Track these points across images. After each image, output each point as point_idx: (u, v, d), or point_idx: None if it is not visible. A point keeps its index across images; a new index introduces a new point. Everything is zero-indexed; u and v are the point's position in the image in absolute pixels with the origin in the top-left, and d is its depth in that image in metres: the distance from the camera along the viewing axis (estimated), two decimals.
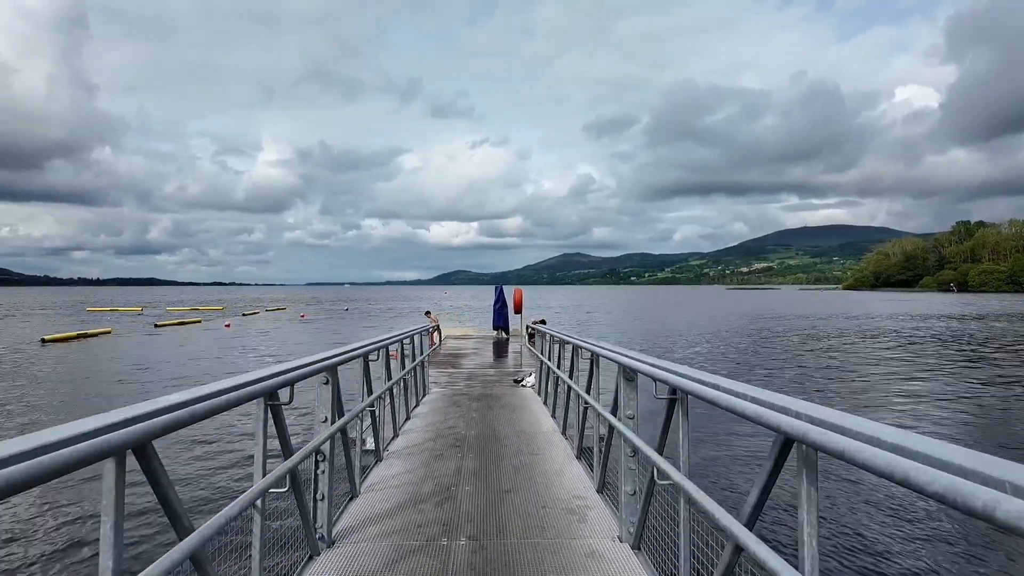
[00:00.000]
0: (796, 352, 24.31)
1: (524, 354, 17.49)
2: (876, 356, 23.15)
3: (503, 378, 12.56)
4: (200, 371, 18.92)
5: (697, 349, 25.68)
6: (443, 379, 12.30)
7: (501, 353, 18.07)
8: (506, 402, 9.64)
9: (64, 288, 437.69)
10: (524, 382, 11.45)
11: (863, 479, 8.15)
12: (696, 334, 32.92)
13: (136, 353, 23.46)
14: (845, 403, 14.17)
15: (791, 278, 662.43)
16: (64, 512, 7.14)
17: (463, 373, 13.33)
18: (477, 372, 13.58)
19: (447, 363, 15.16)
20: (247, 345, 26.87)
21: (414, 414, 8.53)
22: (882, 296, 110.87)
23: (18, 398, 14.48)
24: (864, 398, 14.91)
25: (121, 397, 14.64)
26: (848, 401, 14.52)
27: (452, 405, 9.34)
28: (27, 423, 11.99)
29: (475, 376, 12.89)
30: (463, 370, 13.93)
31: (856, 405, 13.95)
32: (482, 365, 14.96)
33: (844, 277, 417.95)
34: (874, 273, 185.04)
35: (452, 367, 14.45)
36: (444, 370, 13.80)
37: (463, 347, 19.18)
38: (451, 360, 15.74)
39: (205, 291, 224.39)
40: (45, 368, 19.49)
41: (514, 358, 16.70)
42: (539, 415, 8.55)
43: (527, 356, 17.25)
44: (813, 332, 33.40)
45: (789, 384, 16.97)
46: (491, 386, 11.34)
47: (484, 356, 17.15)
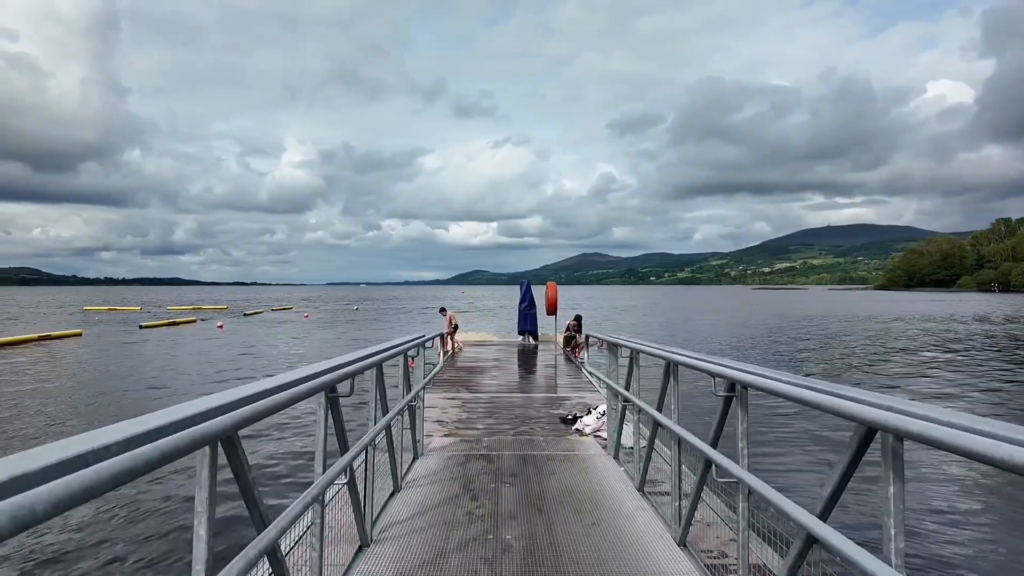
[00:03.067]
0: (862, 355, 19.94)
1: (560, 366, 13.44)
2: (960, 361, 18.64)
3: (542, 410, 8.52)
4: (139, 386, 15.03)
5: (751, 350, 21.36)
6: (450, 413, 8.28)
7: (530, 366, 14.00)
8: (563, 478, 5.36)
9: (89, 287, 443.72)
10: (580, 424, 7.37)
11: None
12: (740, 334, 28.54)
13: (87, 361, 19.85)
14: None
15: (814, 278, 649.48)
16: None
17: (481, 401, 9.29)
18: (502, 398, 9.54)
19: (459, 382, 11.14)
20: (230, 350, 23.19)
21: (384, 515, 4.45)
22: (921, 296, 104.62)
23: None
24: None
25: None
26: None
27: (463, 492, 4.94)
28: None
29: (499, 406, 8.87)
30: (481, 394, 9.91)
31: None
32: (508, 386, 10.92)
33: (870, 277, 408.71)
34: (907, 272, 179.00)
35: (466, 388, 10.42)
36: (454, 395, 9.80)
37: (481, 358, 15.15)
38: (464, 378, 11.72)
39: (226, 291, 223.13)
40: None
41: (547, 372, 12.65)
42: (623, 497, 4.81)
43: (564, 369, 13.18)
44: (877, 333, 28.85)
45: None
46: (527, 432, 7.27)
47: (508, 371, 13.10)
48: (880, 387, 14.69)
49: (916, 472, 7.96)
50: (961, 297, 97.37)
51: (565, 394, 9.97)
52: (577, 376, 12.22)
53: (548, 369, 13.24)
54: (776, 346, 24.87)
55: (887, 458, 1.82)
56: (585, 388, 10.60)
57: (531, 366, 14.01)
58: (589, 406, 7.96)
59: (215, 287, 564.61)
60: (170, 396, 13.53)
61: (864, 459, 2.00)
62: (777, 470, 8.33)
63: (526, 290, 19.13)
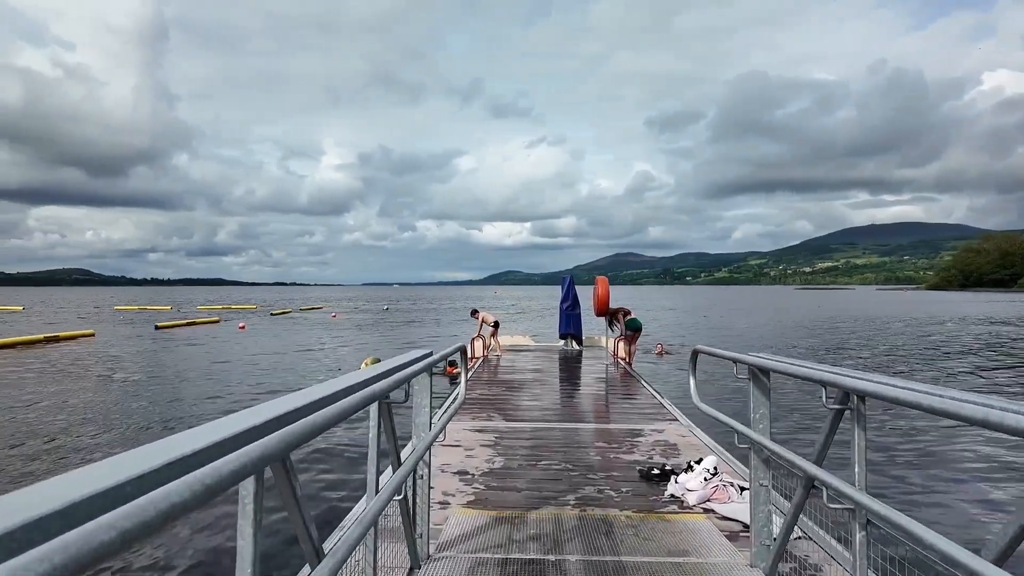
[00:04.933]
0: (985, 362, 16.70)
1: (613, 380, 10.88)
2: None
3: (609, 454, 5.94)
4: (103, 405, 12.95)
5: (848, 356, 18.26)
6: (477, 459, 5.77)
7: (578, 380, 11.40)
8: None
9: (136, 288, 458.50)
10: (677, 488, 4.78)
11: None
12: (816, 338, 25.30)
13: (91, 364, 18.16)
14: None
15: (858, 278, 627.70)
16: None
17: (522, 436, 6.73)
18: (548, 431, 7.00)
19: (490, 404, 8.65)
20: (247, 352, 21.30)
21: None
22: (983, 297, 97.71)
23: None
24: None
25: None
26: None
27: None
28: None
29: (546, 444, 6.34)
30: (520, 423, 7.39)
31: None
32: (554, 411, 8.36)
33: (918, 277, 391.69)
34: (962, 272, 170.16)
35: (500, 414, 7.92)
36: (484, 423, 7.31)
37: (518, 367, 12.64)
38: (498, 397, 9.22)
39: (267, 291, 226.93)
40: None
41: (599, 389, 10.09)
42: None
43: (619, 384, 10.61)
44: (980, 336, 25.24)
45: None
46: (595, 499, 4.69)
47: (551, 385, 10.56)
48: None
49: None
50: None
51: (633, 423, 7.39)
52: (638, 392, 9.64)
53: (599, 383, 10.67)
54: (874, 353, 21.66)
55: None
56: (656, 413, 8.01)
57: (580, 380, 11.39)
58: (687, 460, 5.35)
59: (256, 287, 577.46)
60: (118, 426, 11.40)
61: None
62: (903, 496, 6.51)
63: (568, 287, 16.49)
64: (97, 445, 8.90)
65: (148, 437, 9.26)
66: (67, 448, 8.73)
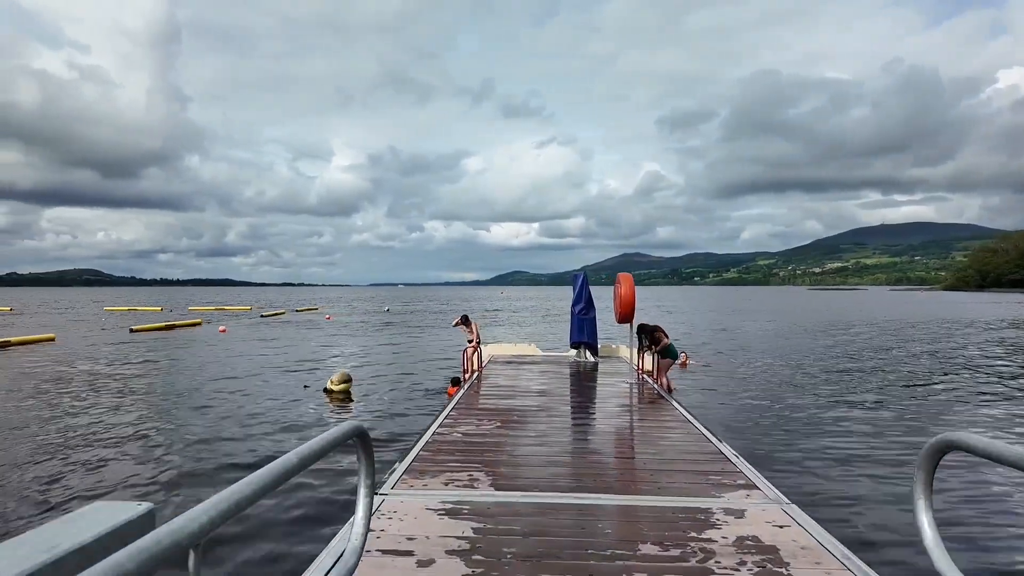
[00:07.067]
0: None
1: (644, 408, 8.24)
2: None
3: (647, 565, 3.33)
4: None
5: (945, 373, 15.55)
6: (435, 568, 3.20)
7: (597, 407, 8.73)
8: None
9: (145, 288, 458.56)
10: None
11: None
12: (870, 348, 22.54)
13: (20, 378, 15.75)
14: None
15: (868, 278, 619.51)
16: None
17: (506, 518, 4.12)
18: (548, 507, 4.34)
19: (473, 451, 6.04)
20: (209, 360, 18.82)
21: None
22: (1006, 297, 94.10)
23: None
24: None
25: None
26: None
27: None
28: None
29: (542, 529, 3.69)
30: (506, 492, 4.77)
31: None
32: (561, 463, 5.69)
33: (929, 277, 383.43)
34: (979, 272, 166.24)
35: (486, 471, 5.32)
36: (461, 495, 4.68)
37: (518, 389, 9.96)
38: (485, 442, 6.61)
39: (275, 291, 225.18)
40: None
41: (620, 419, 7.47)
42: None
43: (652, 415, 7.97)
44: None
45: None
46: None
47: (561, 414, 7.89)
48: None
49: None
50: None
51: (686, 494, 4.74)
52: (680, 428, 6.96)
53: (623, 414, 8.04)
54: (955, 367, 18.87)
55: None
56: (721, 474, 5.33)
57: (598, 407, 8.71)
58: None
59: (265, 288, 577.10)
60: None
61: None
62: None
63: (581, 287, 13.74)
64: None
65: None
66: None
